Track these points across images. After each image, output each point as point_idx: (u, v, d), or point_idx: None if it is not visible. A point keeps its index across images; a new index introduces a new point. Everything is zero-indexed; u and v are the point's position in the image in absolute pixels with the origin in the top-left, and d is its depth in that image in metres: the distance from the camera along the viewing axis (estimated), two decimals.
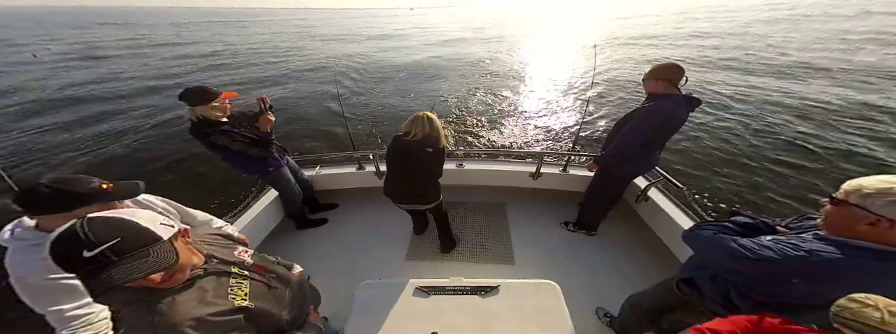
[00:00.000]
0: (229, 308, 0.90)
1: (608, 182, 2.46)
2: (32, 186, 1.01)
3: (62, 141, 6.52)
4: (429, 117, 1.96)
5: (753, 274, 1.08)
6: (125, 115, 7.96)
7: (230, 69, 12.59)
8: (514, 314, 1.46)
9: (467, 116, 7.80)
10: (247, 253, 1.13)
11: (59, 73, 12.13)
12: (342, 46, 18.71)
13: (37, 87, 10.43)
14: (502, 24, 28.78)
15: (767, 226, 1.22)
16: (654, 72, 1.95)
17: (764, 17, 26.07)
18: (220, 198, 4.41)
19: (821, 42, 14.45)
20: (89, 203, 1.05)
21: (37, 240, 1.07)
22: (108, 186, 1.10)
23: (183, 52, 16.24)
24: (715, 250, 1.15)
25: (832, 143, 5.71)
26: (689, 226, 1.34)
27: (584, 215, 2.72)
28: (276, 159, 2.40)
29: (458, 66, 13.65)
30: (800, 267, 0.94)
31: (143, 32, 20.03)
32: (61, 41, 23.94)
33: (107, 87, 10.27)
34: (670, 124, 1.99)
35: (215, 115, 2.03)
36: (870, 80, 8.91)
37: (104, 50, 17.20)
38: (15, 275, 1.06)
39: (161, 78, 11.46)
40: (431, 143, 1.97)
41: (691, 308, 1.37)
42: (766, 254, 0.99)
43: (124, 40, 18.60)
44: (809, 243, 0.97)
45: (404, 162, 2.05)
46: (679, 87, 1.94)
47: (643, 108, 2.02)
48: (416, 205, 2.27)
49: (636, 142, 2.06)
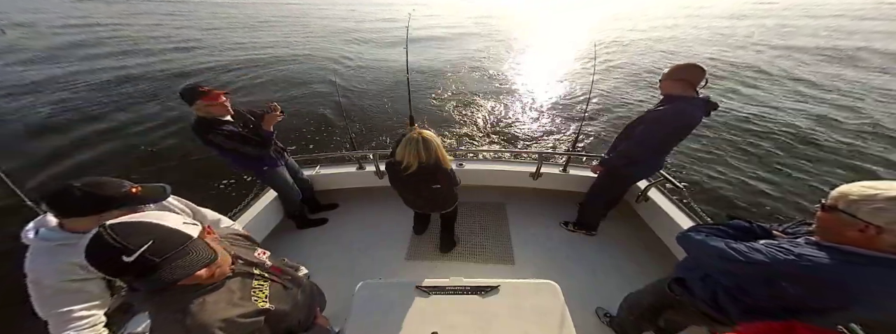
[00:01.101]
0: (254, 309, 0.92)
1: (613, 184, 2.44)
2: (64, 188, 1.00)
3: (54, 134, 6.50)
4: (424, 140, 1.65)
5: (745, 276, 1.09)
6: (124, 112, 7.95)
7: (220, 67, 12.52)
8: (514, 314, 1.47)
9: (467, 116, 7.79)
10: (265, 255, 1.15)
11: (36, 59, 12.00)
12: (341, 45, 18.66)
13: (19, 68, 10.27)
14: (502, 23, 28.75)
15: (763, 230, 1.23)
16: (673, 72, 1.85)
17: (772, 14, 26.04)
18: (220, 198, 4.41)
19: (826, 40, 14.44)
20: (119, 206, 1.05)
21: (63, 240, 1.06)
22: (137, 190, 1.10)
23: (165, 45, 16.09)
24: (707, 252, 1.15)
25: (837, 146, 5.71)
26: (686, 229, 1.35)
27: (584, 215, 2.72)
28: (271, 159, 2.40)
29: (458, 64, 13.63)
30: (788, 270, 0.95)
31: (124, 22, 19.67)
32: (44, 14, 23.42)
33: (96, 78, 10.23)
34: (685, 128, 1.89)
35: (214, 113, 2.06)
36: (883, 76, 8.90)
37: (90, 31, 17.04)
38: (34, 277, 1.05)
39: (145, 70, 11.40)
40: (435, 172, 1.73)
41: (682, 308, 1.39)
42: (755, 257, 0.99)
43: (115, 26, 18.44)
44: (800, 247, 0.97)
45: (415, 193, 1.98)
46: (697, 90, 1.84)
47: (657, 111, 1.91)
48: (438, 210, 2.28)
49: (648, 145, 2.00)
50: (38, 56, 12.56)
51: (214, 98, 2.00)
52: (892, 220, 0.83)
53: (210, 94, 1.98)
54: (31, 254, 1.07)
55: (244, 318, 0.87)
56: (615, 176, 2.35)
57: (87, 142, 6.29)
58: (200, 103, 1.97)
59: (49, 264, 1.05)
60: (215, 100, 2.01)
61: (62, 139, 6.32)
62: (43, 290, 1.06)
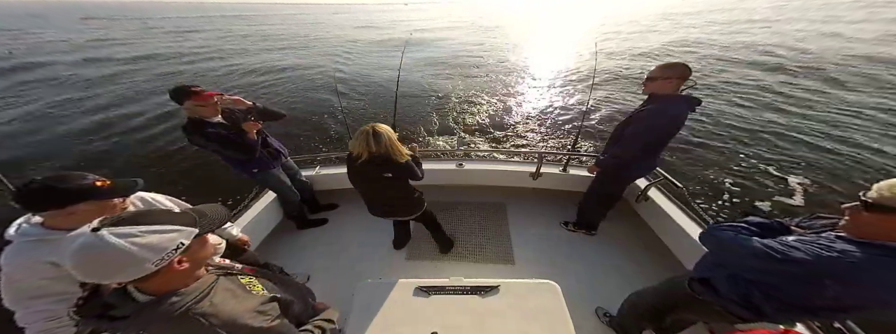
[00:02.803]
0: (264, 298, 0.94)
1: (609, 184, 2.45)
2: (26, 182, 1.03)
3: (55, 137, 6.53)
4: (374, 131, 1.66)
5: (782, 275, 1.06)
6: (121, 113, 7.96)
7: (220, 69, 12.58)
8: (514, 314, 1.46)
9: (467, 116, 7.79)
10: (224, 261, 1.17)
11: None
12: (340, 44, 18.68)
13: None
14: (501, 22, 28.75)
15: (782, 226, 1.21)
16: (664, 70, 1.85)
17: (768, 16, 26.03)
18: (219, 198, 4.41)
19: (829, 38, 14.44)
20: (82, 199, 1.05)
21: (40, 236, 1.07)
22: (104, 183, 1.09)
23: (170, 51, 16.23)
24: (740, 251, 1.13)
25: (835, 144, 5.71)
26: (708, 227, 1.33)
27: (584, 215, 2.72)
28: (262, 161, 2.37)
29: (458, 63, 13.64)
30: (834, 268, 0.92)
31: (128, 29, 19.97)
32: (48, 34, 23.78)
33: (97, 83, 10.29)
34: (675, 126, 1.93)
35: (202, 114, 2.04)
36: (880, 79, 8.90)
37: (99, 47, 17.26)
38: (7, 271, 1.06)
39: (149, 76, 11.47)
40: (387, 163, 1.73)
41: (699, 307, 1.37)
42: (796, 256, 0.97)
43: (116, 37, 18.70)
44: (838, 243, 0.95)
45: (369, 185, 1.93)
46: (681, 89, 1.89)
47: (646, 110, 1.94)
48: (400, 216, 2.22)
49: (639, 144, 2.02)
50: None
51: (205, 98, 1.98)
52: None
53: (200, 95, 1.96)
54: (8, 249, 1.08)
55: (263, 306, 0.89)
56: (610, 176, 2.38)
57: (87, 142, 6.31)
58: (189, 103, 1.96)
59: (23, 260, 1.06)
60: (206, 101, 1.99)
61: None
62: (11, 284, 1.07)
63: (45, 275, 1.07)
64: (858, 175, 4.78)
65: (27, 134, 6.77)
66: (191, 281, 0.82)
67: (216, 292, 0.85)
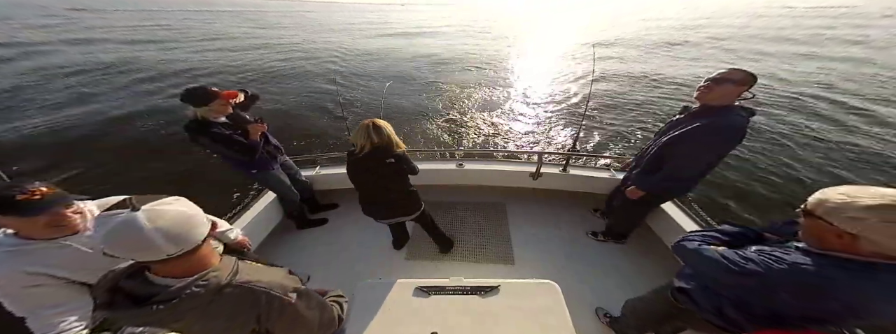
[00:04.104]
0: (285, 269, 1.01)
1: (656, 201, 2.28)
2: None
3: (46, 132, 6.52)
4: (375, 125, 1.80)
5: (741, 287, 1.04)
6: (121, 110, 7.95)
7: (221, 67, 12.57)
8: (514, 314, 1.46)
9: (467, 116, 7.79)
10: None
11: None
12: (339, 44, 18.69)
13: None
14: (500, 22, 28.77)
15: (755, 233, 1.20)
16: (733, 75, 1.55)
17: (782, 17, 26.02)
18: (220, 198, 4.40)
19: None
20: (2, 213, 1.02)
21: (11, 246, 1.07)
22: (29, 198, 1.02)
23: (165, 46, 16.18)
24: (701, 262, 1.12)
25: (840, 147, 5.71)
26: (682, 235, 1.29)
27: (617, 226, 2.56)
28: (261, 162, 2.38)
29: (457, 64, 13.63)
30: (784, 280, 0.91)
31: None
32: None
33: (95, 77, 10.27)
34: (737, 142, 1.64)
35: (214, 116, 2.05)
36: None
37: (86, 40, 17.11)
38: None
39: (147, 72, 11.45)
40: (388, 153, 1.82)
41: (686, 316, 1.34)
42: (750, 268, 0.96)
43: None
44: (792, 255, 0.94)
45: (371, 179, 1.95)
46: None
47: (709, 124, 1.62)
48: (400, 217, 2.22)
49: (702, 167, 1.78)
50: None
51: (233, 95, 2.07)
52: (865, 229, 0.81)
53: (225, 94, 2.02)
54: None
55: (289, 275, 0.96)
56: (658, 197, 2.15)
57: (89, 143, 6.30)
58: (215, 104, 1.98)
59: (3, 270, 1.07)
60: (234, 97, 2.07)
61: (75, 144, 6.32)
62: (3, 295, 1.08)
63: (28, 282, 1.08)
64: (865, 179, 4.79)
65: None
66: (215, 261, 0.87)
67: (244, 268, 0.89)
